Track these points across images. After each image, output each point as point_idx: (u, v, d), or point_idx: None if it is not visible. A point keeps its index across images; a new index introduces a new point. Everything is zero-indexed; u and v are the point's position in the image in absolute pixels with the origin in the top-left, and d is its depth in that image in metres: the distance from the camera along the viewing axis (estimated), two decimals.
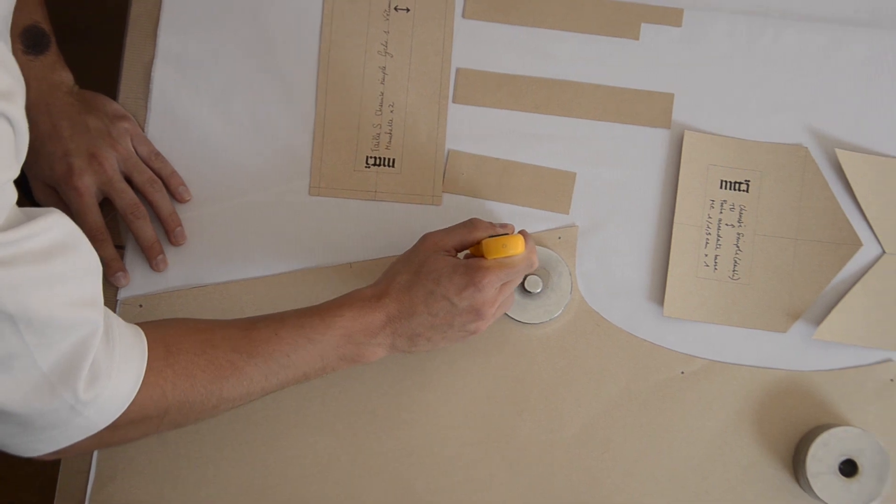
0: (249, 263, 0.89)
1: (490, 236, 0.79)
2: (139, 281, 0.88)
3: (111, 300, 0.88)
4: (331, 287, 0.88)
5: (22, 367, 0.58)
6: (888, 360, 0.86)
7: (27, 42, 0.86)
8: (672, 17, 0.91)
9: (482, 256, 0.78)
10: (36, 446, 0.64)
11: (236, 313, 0.80)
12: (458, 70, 0.91)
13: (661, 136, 0.90)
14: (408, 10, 0.91)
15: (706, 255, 0.88)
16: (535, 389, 0.87)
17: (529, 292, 0.86)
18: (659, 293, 0.88)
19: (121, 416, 0.66)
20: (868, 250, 0.88)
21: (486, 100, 0.90)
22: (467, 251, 0.81)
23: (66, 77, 0.88)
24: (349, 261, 0.89)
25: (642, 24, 0.91)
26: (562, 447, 0.86)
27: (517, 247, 0.77)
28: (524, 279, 0.86)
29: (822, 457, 0.83)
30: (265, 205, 0.89)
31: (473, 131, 0.90)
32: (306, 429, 0.87)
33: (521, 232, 0.79)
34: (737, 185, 0.89)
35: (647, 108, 0.90)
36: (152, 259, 0.87)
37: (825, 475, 0.82)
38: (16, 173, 0.58)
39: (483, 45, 0.91)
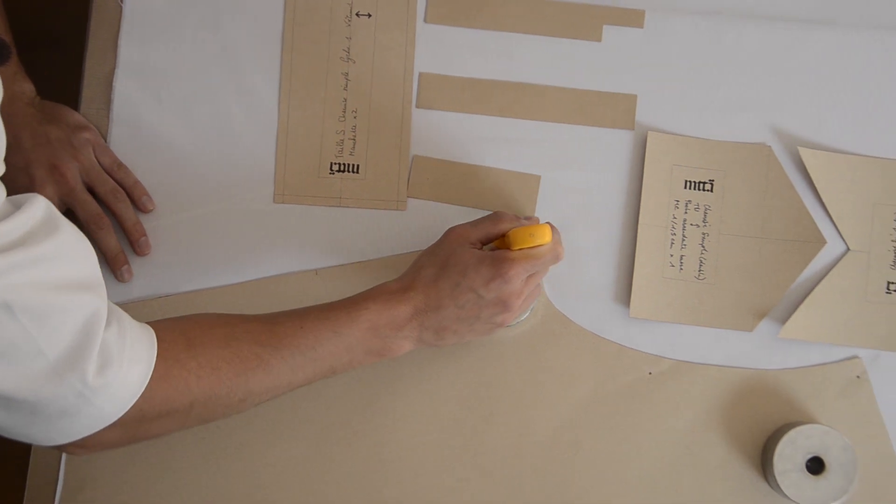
0: (215, 272, 0.88)
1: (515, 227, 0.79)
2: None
3: None
4: (299, 294, 0.88)
5: (26, 355, 0.58)
6: (854, 357, 0.87)
7: None
8: (634, 19, 0.91)
9: (508, 248, 0.78)
10: (51, 436, 0.63)
11: None
12: (420, 75, 0.91)
13: (624, 138, 0.90)
14: (369, 15, 0.91)
15: (672, 256, 0.88)
16: (504, 393, 0.87)
17: None
18: (625, 294, 0.88)
19: (147, 409, 0.66)
20: (832, 248, 0.88)
21: (450, 104, 0.90)
22: (492, 244, 0.81)
23: (27, 87, 0.87)
24: (315, 267, 0.89)
25: (604, 26, 0.91)
26: (532, 450, 0.86)
27: (544, 236, 0.77)
28: None
29: (790, 455, 0.83)
30: (230, 213, 0.89)
31: (437, 136, 0.90)
32: (278, 436, 0.86)
33: (547, 223, 0.79)
34: (701, 185, 0.89)
35: (611, 109, 0.90)
36: (116, 270, 0.87)
37: (792, 473, 0.83)
38: (1, 170, 0.59)
39: (445, 50, 0.91)
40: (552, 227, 0.79)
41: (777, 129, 0.89)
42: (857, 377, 0.86)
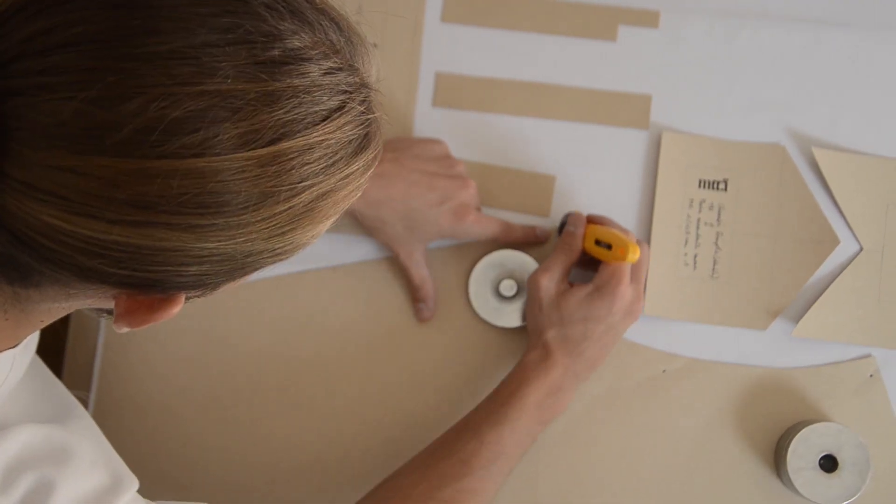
0: None
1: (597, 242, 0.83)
2: None
3: None
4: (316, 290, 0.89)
5: None
6: (867, 356, 0.87)
7: None
8: (649, 19, 0.91)
9: (595, 258, 0.83)
10: None
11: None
12: (437, 74, 0.92)
13: (639, 137, 0.91)
14: (375, 45, 0.91)
15: (686, 255, 0.89)
16: None
17: (504, 296, 0.87)
18: None
19: None
20: (846, 247, 0.88)
21: (466, 103, 0.91)
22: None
23: None
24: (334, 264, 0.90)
25: (619, 26, 0.91)
26: (546, 447, 0.87)
27: (633, 255, 0.80)
28: (499, 283, 0.87)
29: (803, 453, 0.83)
30: None
31: (453, 135, 0.90)
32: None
33: (625, 238, 0.81)
34: (715, 185, 0.89)
35: (626, 109, 0.90)
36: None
37: (806, 471, 0.83)
38: None
39: (462, 49, 0.92)
40: (627, 237, 0.82)
41: (791, 130, 0.90)
42: (871, 376, 0.87)
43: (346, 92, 0.49)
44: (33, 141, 0.44)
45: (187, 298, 0.53)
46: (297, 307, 0.89)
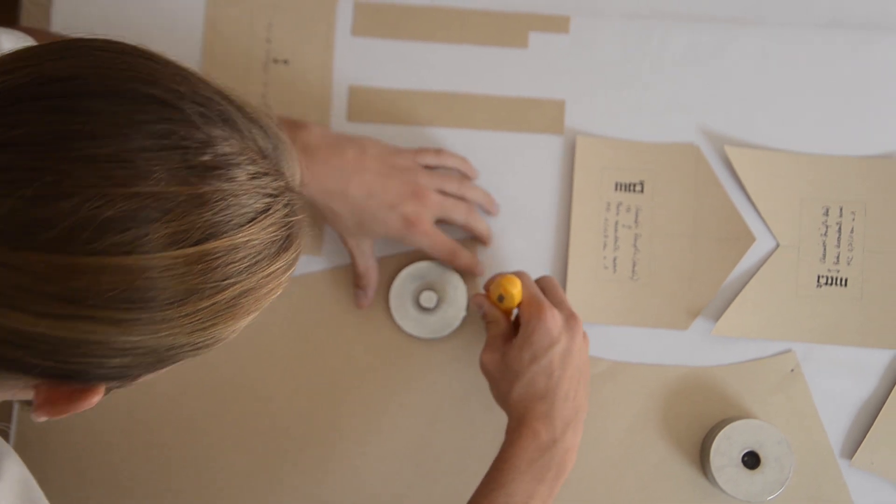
0: None
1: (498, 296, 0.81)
2: None
3: None
4: None
5: None
6: (788, 351, 0.88)
7: None
8: (559, 25, 0.91)
9: (514, 307, 0.81)
10: None
11: None
12: (350, 88, 0.91)
13: (554, 143, 0.91)
14: (286, 62, 0.91)
15: (605, 258, 0.89)
16: (445, 400, 0.88)
17: (425, 308, 0.87)
18: None
19: None
20: (763, 244, 0.89)
21: (381, 116, 0.91)
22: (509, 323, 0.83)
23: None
24: None
25: (530, 33, 0.91)
26: (475, 455, 0.87)
27: (513, 285, 0.79)
28: (419, 295, 0.87)
29: (725, 450, 0.84)
30: None
31: None
32: (222, 450, 0.87)
33: (499, 278, 0.80)
34: (631, 187, 0.90)
35: (540, 115, 0.91)
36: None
37: (729, 468, 0.84)
38: None
39: (374, 62, 0.92)
40: (501, 277, 0.80)
41: (704, 129, 0.90)
42: (791, 371, 0.87)
43: (271, 195, 0.52)
44: None
45: (107, 390, 0.54)
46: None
